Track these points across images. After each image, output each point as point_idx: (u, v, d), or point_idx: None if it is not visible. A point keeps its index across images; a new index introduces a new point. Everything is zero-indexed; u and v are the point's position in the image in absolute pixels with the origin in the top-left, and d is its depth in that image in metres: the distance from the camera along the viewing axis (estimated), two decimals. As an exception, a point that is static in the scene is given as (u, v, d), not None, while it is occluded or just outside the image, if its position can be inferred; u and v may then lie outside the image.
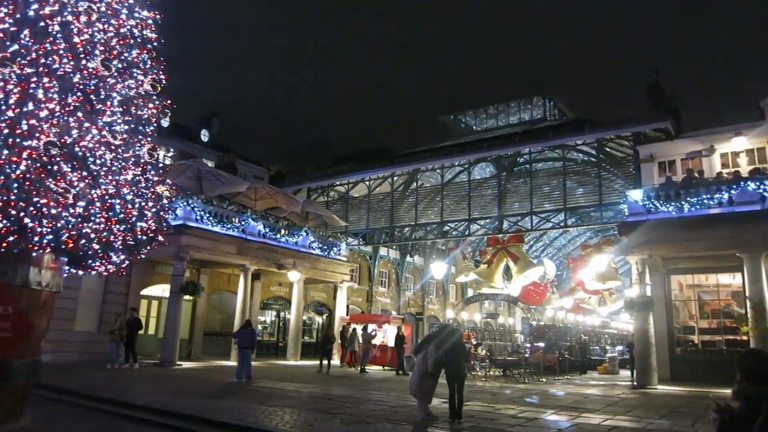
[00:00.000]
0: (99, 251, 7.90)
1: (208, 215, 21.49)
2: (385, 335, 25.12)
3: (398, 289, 38.13)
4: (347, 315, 29.34)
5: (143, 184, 8.65)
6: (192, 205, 20.91)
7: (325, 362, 20.67)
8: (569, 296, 36.14)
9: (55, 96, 7.15)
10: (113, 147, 7.97)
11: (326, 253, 27.42)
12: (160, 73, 9.01)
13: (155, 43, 8.92)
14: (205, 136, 34.08)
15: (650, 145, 21.79)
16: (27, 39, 7.08)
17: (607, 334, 43.59)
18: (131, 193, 8.34)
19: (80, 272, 8.81)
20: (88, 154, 7.57)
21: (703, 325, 19.86)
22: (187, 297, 21.73)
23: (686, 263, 19.72)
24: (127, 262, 8.84)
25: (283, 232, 25.22)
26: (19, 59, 6.93)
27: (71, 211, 7.25)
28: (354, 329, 24.84)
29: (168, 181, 9.76)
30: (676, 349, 19.36)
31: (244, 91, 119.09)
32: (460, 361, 10.16)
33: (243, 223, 23.04)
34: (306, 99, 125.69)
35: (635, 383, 18.32)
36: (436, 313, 41.53)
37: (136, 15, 8.64)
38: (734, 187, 17.38)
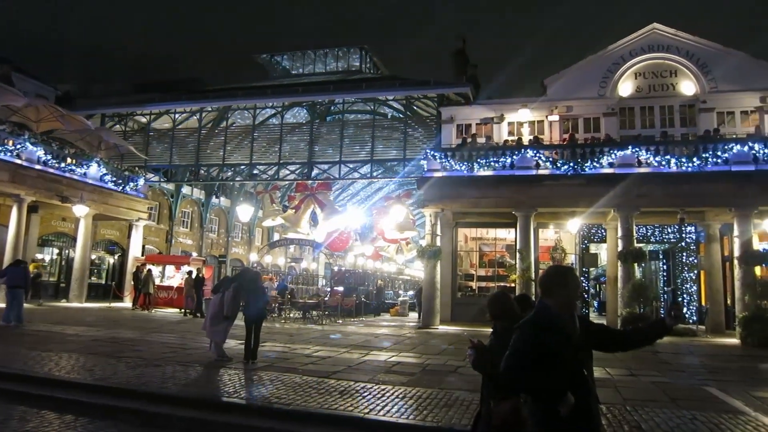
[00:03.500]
0: None
1: (-29, 134, 18.36)
2: (184, 277, 24.23)
3: (201, 230, 36.72)
4: (143, 255, 27.65)
5: None
6: (-50, 121, 17.67)
7: None
8: (370, 244, 38.14)
9: None
10: None
11: (121, 187, 25.29)
12: None
13: None
14: (-29, 40, 28.56)
15: (451, 108, 23.50)
16: None
17: (402, 280, 46.97)
18: None
19: None
20: None
21: (481, 273, 22.74)
22: (-60, 229, 18.60)
23: (472, 218, 22.09)
24: None
25: (69, 160, 22.65)
26: None
27: None
28: (150, 270, 23.55)
29: None
30: (457, 294, 21.84)
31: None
32: (258, 304, 10.20)
33: (19, 146, 20.17)
34: (109, 15, 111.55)
35: (421, 324, 20.16)
36: (241, 257, 41.01)
37: None
38: (516, 153, 19.63)
